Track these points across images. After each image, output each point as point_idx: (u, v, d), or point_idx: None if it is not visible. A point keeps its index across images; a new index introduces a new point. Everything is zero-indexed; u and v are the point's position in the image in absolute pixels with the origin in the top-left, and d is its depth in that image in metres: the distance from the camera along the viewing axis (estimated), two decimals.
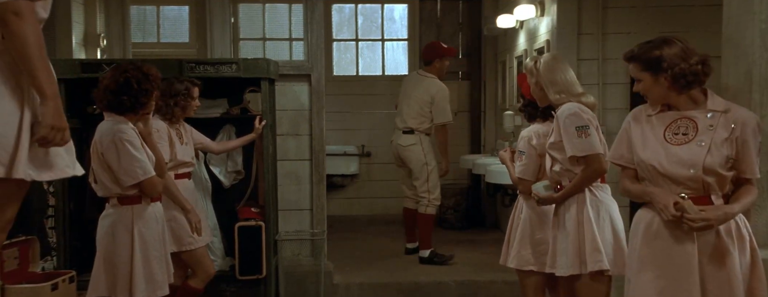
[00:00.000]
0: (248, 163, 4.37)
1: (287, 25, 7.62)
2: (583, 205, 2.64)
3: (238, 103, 4.26)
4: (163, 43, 7.27)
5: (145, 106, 2.81)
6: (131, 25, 6.82)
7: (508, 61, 6.27)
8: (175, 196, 3.29)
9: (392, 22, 7.82)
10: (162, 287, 2.84)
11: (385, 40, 7.71)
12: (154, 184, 2.76)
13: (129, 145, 2.68)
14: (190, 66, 3.91)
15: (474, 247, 5.65)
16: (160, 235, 2.88)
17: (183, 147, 3.49)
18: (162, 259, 2.86)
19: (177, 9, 7.40)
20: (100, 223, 2.82)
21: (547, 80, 2.74)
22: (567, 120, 2.63)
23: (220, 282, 4.06)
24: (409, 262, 5.09)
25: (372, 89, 7.42)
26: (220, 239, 4.21)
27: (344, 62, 7.68)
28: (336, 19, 7.57)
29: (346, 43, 7.65)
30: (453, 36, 7.37)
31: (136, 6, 7.02)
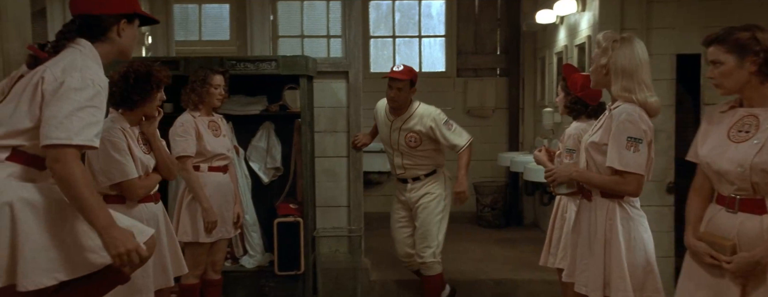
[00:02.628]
0: (287, 160, 4.42)
1: (325, 23, 7.66)
2: (613, 222, 2.35)
3: (277, 101, 4.30)
4: (204, 40, 7.41)
5: (138, 104, 2.72)
6: (174, 23, 6.95)
7: (548, 58, 6.18)
8: (196, 192, 3.33)
9: (429, 19, 7.79)
10: (142, 292, 2.65)
11: (422, 36, 7.69)
12: (133, 186, 2.66)
13: (110, 146, 2.63)
14: (231, 63, 3.97)
15: (512, 245, 5.60)
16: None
17: (216, 139, 3.47)
18: (148, 264, 2.62)
19: (218, 7, 7.52)
20: None
21: (622, 68, 2.32)
22: (622, 125, 2.28)
23: (260, 277, 4.12)
24: (447, 260, 5.06)
25: None
26: (259, 235, 4.27)
27: (381, 59, 7.68)
28: (373, 15, 7.57)
29: (383, 39, 7.65)
30: (491, 32, 7.30)
31: (179, 5, 7.16)
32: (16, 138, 1.81)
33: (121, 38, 1.95)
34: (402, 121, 3.85)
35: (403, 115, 3.85)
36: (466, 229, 6.33)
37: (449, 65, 7.40)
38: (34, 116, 1.79)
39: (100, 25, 1.90)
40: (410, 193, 3.93)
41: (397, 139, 3.88)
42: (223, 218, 3.47)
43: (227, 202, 3.51)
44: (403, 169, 3.93)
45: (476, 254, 5.32)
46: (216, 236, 3.44)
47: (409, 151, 3.87)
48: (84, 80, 1.78)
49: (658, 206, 4.22)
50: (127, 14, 1.95)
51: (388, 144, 3.96)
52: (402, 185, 3.97)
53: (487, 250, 5.45)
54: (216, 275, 3.60)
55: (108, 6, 1.91)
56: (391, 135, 3.90)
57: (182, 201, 3.42)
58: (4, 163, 1.82)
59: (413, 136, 3.84)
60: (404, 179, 3.95)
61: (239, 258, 4.26)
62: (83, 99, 1.77)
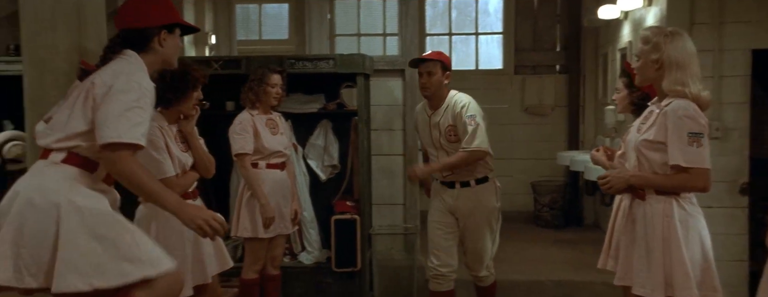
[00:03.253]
0: (344, 158, 4.46)
1: (381, 21, 7.70)
2: (670, 220, 2.28)
3: (335, 99, 4.34)
4: (264, 40, 7.56)
5: (174, 102, 2.74)
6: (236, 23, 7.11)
7: (611, 54, 5.99)
8: (254, 188, 3.39)
9: (486, 16, 7.69)
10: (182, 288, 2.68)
11: (479, 33, 7.59)
12: (170, 184, 2.64)
13: (148, 144, 2.56)
14: (291, 62, 4.03)
15: (572, 246, 5.46)
16: (187, 234, 2.71)
17: (274, 137, 3.52)
18: (186, 261, 2.71)
19: (277, 7, 7.66)
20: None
21: (676, 62, 2.27)
22: (681, 121, 2.22)
23: (317, 273, 4.17)
24: (504, 260, 4.99)
25: (465, 84, 7.27)
26: (317, 231, 4.32)
27: None
28: (429, 13, 7.54)
29: (440, 37, 7.60)
30: (550, 28, 7.13)
31: (240, 5, 7.34)
32: (72, 140, 1.91)
33: (164, 48, 2.03)
34: (440, 114, 3.39)
35: (441, 107, 3.39)
36: (523, 228, 6.22)
37: (507, 62, 7.27)
38: (88, 119, 1.89)
39: (142, 37, 1.99)
40: (458, 200, 3.40)
41: (439, 136, 3.39)
42: (281, 214, 3.52)
43: (285, 199, 3.56)
44: (450, 170, 3.43)
45: (534, 254, 5.22)
46: (274, 232, 3.50)
47: (452, 149, 3.36)
48: (130, 83, 1.88)
49: (730, 208, 4.01)
50: (167, 25, 2.04)
51: (430, 145, 3.48)
52: (447, 189, 3.44)
53: (545, 250, 5.33)
54: (275, 270, 3.66)
55: (149, 19, 2.00)
56: (432, 132, 3.42)
57: (242, 198, 3.50)
58: (60, 165, 1.92)
59: (452, 130, 3.34)
60: (450, 183, 3.43)
61: (297, 254, 4.32)
62: (130, 100, 1.86)
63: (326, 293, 4.17)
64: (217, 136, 3.54)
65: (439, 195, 3.47)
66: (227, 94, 4.08)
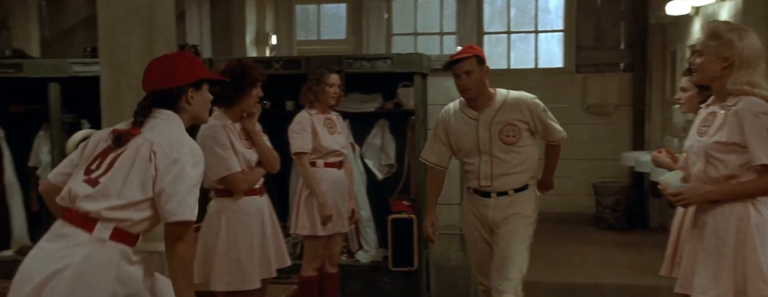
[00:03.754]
0: (401, 157, 4.45)
1: (439, 20, 7.67)
2: (746, 225, 2.14)
3: (392, 98, 4.34)
4: (322, 40, 7.67)
5: (234, 101, 2.78)
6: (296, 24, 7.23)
7: (680, 52, 5.75)
8: (312, 187, 3.42)
9: (547, 13, 7.54)
10: (250, 281, 2.76)
11: (538, 31, 7.45)
12: (236, 180, 2.75)
13: (214, 142, 2.75)
14: (348, 62, 4.06)
15: (636, 249, 5.28)
16: (254, 229, 2.82)
17: (332, 136, 3.54)
18: (253, 253, 2.78)
19: (335, 7, 7.76)
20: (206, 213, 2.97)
21: (747, 60, 2.15)
22: (759, 119, 2.08)
23: (374, 272, 4.19)
24: (564, 262, 4.88)
25: (524, 82, 7.19)
26: (374, 230, 4.34)
27: (495, 55, 7.54)
28: (487, 11, 7.45)
29: (498, 35, 7.50)
30: (614, 25, 6.93)
31: (300, 5, 7.47)
32: (127, 211, 1.83)
33: (192, 105, 1.98)
34: (493, 112, 2.97)
35: (491, 106, 2.98)
36: (584, 230, 6.06)
37: (567, 61, 7.11)
38: (146, 189, 1.83)
39: (170, 97, 1.95)
40: (494, 211, 2.99)
41: (489, 138, 2.96)
42: (339, 213, 3.55)
43: (342, 198, 3.58)
44: (490, 179, 2.97)
45: (595, 257, 5.08)
46: (332, 230, 3.53)
47: (504, 151, 2.96)
48: (195, 157, 1.88)
49: None
50: (194, 82, 1.99)
51: (473, 149, 2.99)
52: (481, 200, 3.01)
53: (607, 253, 5.17)
54: (333, 268, 3.69)
55: (175, 79, 1.96)
56: (480, 134, 2.96)
57: (300, 196, 3.54)
58: (107, 245, 1.81)
59: (511, 129, 2.96)
60: (486, 193, 3.01)
61: (355, 253, 4.35)
62: (196, 176, 1.87)
63: (383, 292, 4.17)
64: (276, 135, 3.60)
65: (472, 208, 3.05)
66: (287, 93, 4.15)
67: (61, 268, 1.76)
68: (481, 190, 3.02)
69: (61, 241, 1.82)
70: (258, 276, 2.82)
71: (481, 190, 3.01)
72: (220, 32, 6.21)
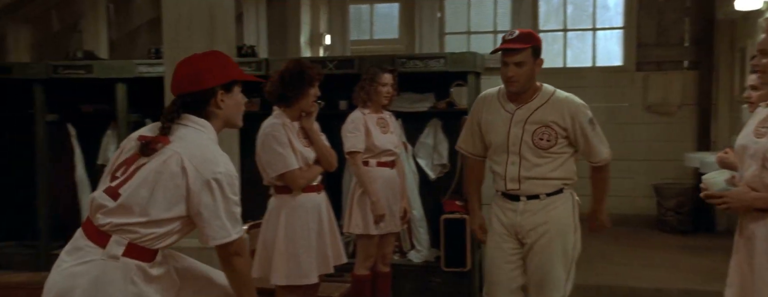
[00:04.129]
0: (454, 157, 4.43)
1: (492, 18, 7.58)
2: None
3: (445, 98, 4.32)
4: (375, 39, 7.70)
5: (293, 100, 2.85)
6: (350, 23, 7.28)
7: (750, 49, 5.48)
8: (365, 186, 3.44)
9: (605, 10, 7.33)
10: (308, 275, 2.84)
11: (596, 29, 7.26)
12: (294, 177, 2.81)
13: (273, 140, 2.82)
14: (402, 61, 4.07)
15: (701, 254, 5.07)
16: (312, 225, 2.87)
17: (384, 136, 3.56)
18: (311, 249, 2.84)
19: (388, 6, 7.78)
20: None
21: None
22: None
23: (426, 272, 4.18)
24: (624, 265, 4.73)
25: (581, 81, 7.02)
26: (426, 230, 4.33)
27: (551, 54, 7.39)
28: (543, 9, 7.31)
29: (554, 33, 7.35)
30: (677, 22, 6.67)
31: (353, 5, 7.53)
32: (147, 227, 1.71)
33: (223, 109, 1.84)
34: (530, 110, 2.60)
35: (531, 102, 2.61)
36: (645, 233, 5.87)
37: (627, 59, 6.90)
38: (172, 207, 1.72)
39: (199, 100, 1.80)
40: (522, 216, 2.61)
41: (520, 136, 2.59)
42: (391, 212, 3.56)
43: (395, 197, 3.59)
44: (518, 182, 2.60)
45: (657, 261, 4.91)
46: (384, 229, 3.55)
47: (534, 154, 2.59)
48: (229, 175, 1.76)
49: None
50: (224, 84, 1.83)
51: (501, 146, 2.64)
52: (509, 203, 2.65)
53: (670, 257, 4.99)
54: (385, 268, 3.70)
55: (204, 81, 1.80)
56: (511, 131, 2.60)
57: (353, 195, 3.57)
58: (119, 263, 1.71)
59: (547, 132, 2.57)
60: (515, 196, 2.64)
61: (407, 252, 4.35)
62: (232, 194, 1.77)
63: (435, 292, 4.16)
64: (330, 135, 3.64)
65: (498, 212, 2.68)
66: (340, 93, 4.19)
67: (72, 287, 1.69)
68: (508, 193, 2.65)
69: (75, 254, 1.74)
70: (315, 271, 2.88)
71: (508, 193, 2.64)
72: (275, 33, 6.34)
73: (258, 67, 4.27)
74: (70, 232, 1.89)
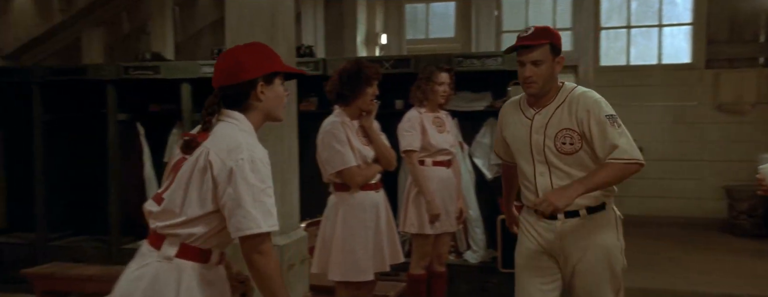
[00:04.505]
0: None
1: (551, 15, 7.42)
2: None
3: (502, 97, 4.26)
4: (431, 38, 7.68)
5: (350, 99, 2.88)
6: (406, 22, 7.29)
7: None
8: (421, 185, 3.43)
9: (672, 6, 7.06)
10: (364, 272, 2.86)
11: (662, 25, 7.00)
12: (352, 174, 2.84)
13: (332, 138, 2.87)
14: (458, 60, 4.04)
15: None
16: (369, 222, 2.89)
17: (440, 135, 3.54)
18: (368, 246, 2.86)
19: (444, 5, 7.74)
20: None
21: None
22: None
23: (483, 273, 4.13)
24: (693, 270, 4.55)
25: (645, 80, 6.80)
26: (482, 230, 4.28)
27: (613, 51, 7.18)
28: (605, 6, 7.10)
29: (616, 31, 7.13)
30: (752, 17, 6.36)
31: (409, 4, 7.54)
32: (189, 227, 1.70)
33: (263, 102, 1.77)
34: (549, 113, 2.34)
35: (550, 104, 2.35)
36: (715, 237, 5.63)
37: (696, 56, 6.62)
38: (205, 203, 1.68)
39: (239, 93, 1.75)
40: (562, 239, 2.34)
41: (542, 143, 2.33)
42: (447, 212, 3.54)
43: (450, 197, 3.57)
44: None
45: (729, 266, 4.70)
46: (440, 229, 3.53)
47: (563, 162, 2.32)
48: (254, 163, 1.66)
49: None
50: (264, 76, 1.77)
51: (525, 156, 2.40)
52: (543, 222, 2.37)
53: (742, 262, 4.76)
54: (441, 267, 3.69)
55: (243, 73, 1.74)
56: (532, 137, 2.35)
57: (409, 194, 3.57)
58: (173, 263, 1.71)
59: (568, 135, 2.31)
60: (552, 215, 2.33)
61: (463, 253, 4.32)
62: (259, 182, 1.66)
63: (492, 294, 4.11)
64: (386, 134, 3.66)
65: (531, 229, 2.42)
66: (397, 92, 4.20)
67: (133, 290, 1.71)
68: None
69: (138, 259, 1.76)
70: (372, 268, 2.91)
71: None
72: (332, 33, 6.42)
73: (315, 67, 4.34)
74: (139, 228, 1.95)
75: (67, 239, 4.89)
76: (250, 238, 1.65)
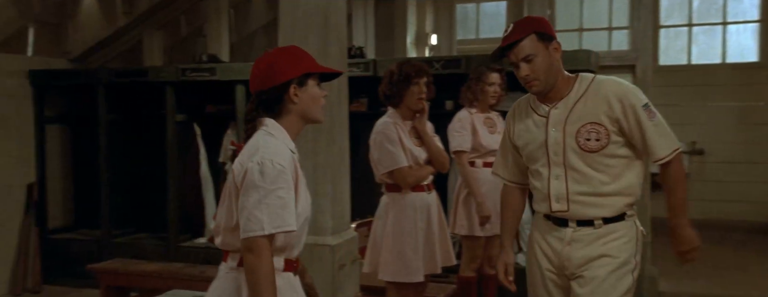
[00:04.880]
0: None
1: (607, 14, 7.23)
2: None
3: None
4: (481, 39, 7.61)
5: (396, 99, 2.91)
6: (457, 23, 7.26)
7: None
8: (471, 186, 3.40)
9: (738, 3, 6.78)
10: (414, 274, 2.87)
11: (727, 23, 6.72)
12: (402, 174, 2.85)
13: (384, 138, 2.88)
14: None
15: None
16: (420, 223, 2.89)
17: (491, 136, 3.52)
18: (418, 248, 2.87)
19: (495, 5, 7.66)
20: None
21: None
22: None
23: None
24: (755, 276, 4.34)
25: (708, 79, 6.54)
26: None
27: (673, 51, 6.94)
28: (665, 3, 6.88)
29: (677, 29, 6.89)
30: None
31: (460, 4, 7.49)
32: (234, 237, 1.70)
33: (298, 104, 1.76)
34: (568, 107, 2.08)
35: (567, 97, 2.09)
36: None
37: (764, 54, 6.35)
38: (232, 211, 1.70)
39: (273, 97, 1.75)
40: (573, 248, 2.08)
41: (562, 141, 2.07)
42: (497, 213, 3.48)
43: None
44: (566, 201, 2.08)
45: None
46: (490, 231, 3.49)
47: (584, 162, 2.05)
48: (263, 165, 1.65)
49: None
50: (296, 78, 1.76)
51: (541, 158, 2.13)
52: (553, 229, 2.13)
53: None
54: (492, 270, 3.64)
55: (275, 77, 1.74)
56: (550, 135, 2.10)
57: (459, 195, 3.55)
58: (232, 273, 1.75)
59: (594, 130, 2.04)
60: (561, 220, 2.11)
61: (515, 255, 4.26)
62: (266, 184, 1.64)
63: None
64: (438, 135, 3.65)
65: (540, 240, 2.17)
66: (447, 93, 4.18)
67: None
68: (553, 216, 2.12)
69: (216, 274, 1.82)
70: (422, 270, 2.91)
71: (554, 215, 2.12)
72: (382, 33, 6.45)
73: (366, 68, 4.36)
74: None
75: (130, 236, 5.08)
76: (249, 240, 1.64)
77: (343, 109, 3.05)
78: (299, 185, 1.74)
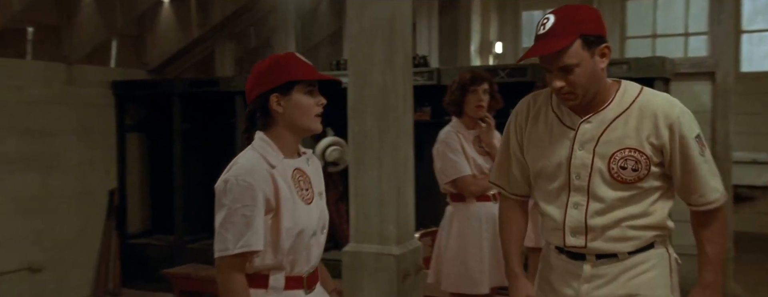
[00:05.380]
0: None
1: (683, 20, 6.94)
2: None
3: None
4: None
5: (454, 108, 2.91)
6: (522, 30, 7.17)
7: None
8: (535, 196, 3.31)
9: None
10: (478, 285, 2.83)
11: None
12: (465, 183, 2.83)
13: (445, 147, 2.87)
14: None
15: None
16: (485, 234, 2.86)
17: None
18: (483, 259, 2.84)
19: None
20: None
21: None
22: None
23: None
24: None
25: None
26: None
27: (756, 57, 6.58)
28: (748, 7, 6.54)
29: (761, 34, 6.53)
30: None
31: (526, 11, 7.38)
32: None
33: (283, 113, 1.68)
34: (603, 124, 1.67)
35: (605, 112, 1.68)
36: None
37: None
38: None
39: (258, 109, 1.70)
40: (590, 285, 1.71)
41: (590, 165, 1.67)
42: None
43: None
44: (584, 235, 1.70)
45: None
46: None
47: (612, 190, 1.67)
48: (228, 182, 1.62)
49: None
50: (276, 87, 1.67)
51: (558, 179, 1.73)
52: (568, 264, 1.75)
53: None
54: None
55: (256, 88, 1.69)
56: (576, 156, 1.69)
57: None
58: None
59: (633, 157, 1.64)
60: (578, 255, 1.73)
61: None
62: (230, 202, 1.62)
63: None
64: None
65: (552, 276, 1.80)
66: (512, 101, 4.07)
67: None
68: (570, 250, 1.73)
69: None
70: (487, 282, 2.87)
71: (570, 249, 1.73)
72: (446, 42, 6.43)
73: (429, 77, 4.36)
74: None
75: (202, 242, 5.22)
76: (217, 259, 1.64)
77: (407, 118, 3.05)
78: (281, 199, 1.65)
